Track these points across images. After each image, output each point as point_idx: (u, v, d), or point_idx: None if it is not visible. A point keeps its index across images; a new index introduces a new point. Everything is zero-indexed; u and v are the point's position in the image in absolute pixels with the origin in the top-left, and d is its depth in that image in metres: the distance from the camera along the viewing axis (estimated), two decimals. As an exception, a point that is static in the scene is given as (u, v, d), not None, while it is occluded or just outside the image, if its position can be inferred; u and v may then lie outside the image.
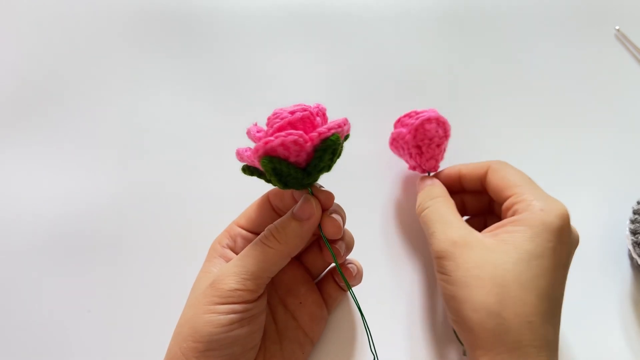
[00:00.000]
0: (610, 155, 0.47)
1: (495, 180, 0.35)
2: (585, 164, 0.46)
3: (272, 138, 0.28)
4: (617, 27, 0.51)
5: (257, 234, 0.34)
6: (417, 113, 0.41)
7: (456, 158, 0.43)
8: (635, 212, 0.41)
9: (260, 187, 0.44)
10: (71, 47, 0.51)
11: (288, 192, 0.34)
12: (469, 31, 0.52)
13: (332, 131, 0.29)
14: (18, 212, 0.44)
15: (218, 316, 0.29)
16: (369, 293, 0.39)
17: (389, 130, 0.43)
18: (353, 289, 0.36)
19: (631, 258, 0.42)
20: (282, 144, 0.28)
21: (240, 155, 0.31)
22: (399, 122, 0.42)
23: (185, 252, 0.42)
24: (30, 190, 0.45)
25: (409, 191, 0.45)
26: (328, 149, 0.29)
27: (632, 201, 0.42)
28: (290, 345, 0.35)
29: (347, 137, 0.33)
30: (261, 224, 0.35)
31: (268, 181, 0.31)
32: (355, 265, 0.37)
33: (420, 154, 0.41)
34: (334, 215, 0.33)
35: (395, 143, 0.42)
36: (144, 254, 0.43)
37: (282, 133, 0.28)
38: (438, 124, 0.40)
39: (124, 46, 0.51)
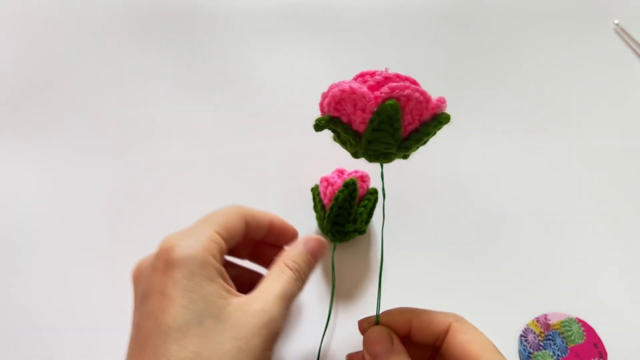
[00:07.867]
0: (610, 154, 0.46)
1: (459, 347, 0.29)
2: (585, 163, 0.46)
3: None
4: (616, 22, 0.51)
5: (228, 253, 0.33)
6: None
7: (455, 159, 0.43)
8: None
9: (259, 185, 0.44)
10: (68, 46, 0.50)
11: (265, 216, 0.33)
12: (466, 26, 0.52)
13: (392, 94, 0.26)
14: (14, 209, 0.43)
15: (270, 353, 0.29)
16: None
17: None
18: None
19: None
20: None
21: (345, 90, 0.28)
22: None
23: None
24: (27, 188, 0.44)
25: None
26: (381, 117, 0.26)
27: None
28: None
29: (441, 119, 0.29)
30: (238, 242, 0.33)
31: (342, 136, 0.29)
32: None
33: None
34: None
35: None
36: (142, 254, 0.42)
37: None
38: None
39: (120, 44, 0.50)
